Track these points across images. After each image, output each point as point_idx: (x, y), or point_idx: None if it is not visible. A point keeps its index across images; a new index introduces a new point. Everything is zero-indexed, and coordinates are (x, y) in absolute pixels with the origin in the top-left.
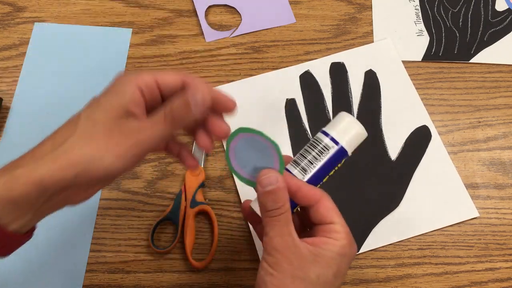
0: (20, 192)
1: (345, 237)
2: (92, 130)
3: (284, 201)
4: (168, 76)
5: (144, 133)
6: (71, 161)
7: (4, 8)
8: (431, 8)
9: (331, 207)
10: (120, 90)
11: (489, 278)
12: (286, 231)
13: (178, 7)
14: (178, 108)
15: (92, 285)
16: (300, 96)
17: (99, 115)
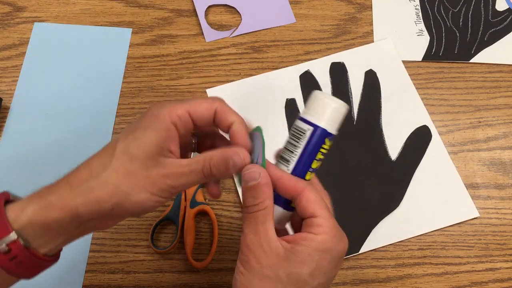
0: (54, 219)
1: (327, 231)
2: (129, 165)
3: (263, 198)
4: (201, 107)
5: (180, 179)
6: (107, 194)
7: (4, 8)
8: (431, 8)
9: (313, 199)
10: (156, 126)
11: (489, 278)
12: (261, 229)
13: (178, 7)
14: (217, 166)
15: (92, 285)
16: (300, 96)
17: (136, 151)
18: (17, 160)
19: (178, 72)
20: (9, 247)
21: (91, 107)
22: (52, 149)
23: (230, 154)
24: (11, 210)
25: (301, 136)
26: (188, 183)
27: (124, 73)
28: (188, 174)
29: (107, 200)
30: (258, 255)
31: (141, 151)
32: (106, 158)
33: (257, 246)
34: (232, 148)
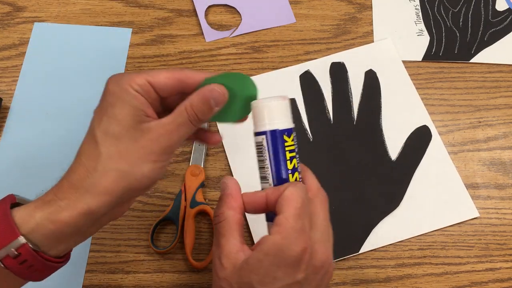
0: (67, 223)
1: (281, 231)
2: (117, 145)
3: (223, 209)
4: (161, 75)
5: (172, 136)
6: (113, 182)
7: (4, 8)
8: (432, 8)
9: (286, 196)
10: (121, 99)
11: (489, 278)
12: (221, 242)
13: (178, 7)
14: (200, 108)
15: (92, 285)
16: (300, 96)
17: (115, 129)
18: (17, 160)
19: None
20: (19, 251)
21: (91, 107)
22: (52, 149)
23: (207, 93)
24: (19, 216)
25: (262, 148)
26: (181, 137)
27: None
28: (177, 128)
29: (115, 187)
30: (217, 267)
31: (121, 127)
32: (92, 149)
33: (216, 258)
34: (206, 86)
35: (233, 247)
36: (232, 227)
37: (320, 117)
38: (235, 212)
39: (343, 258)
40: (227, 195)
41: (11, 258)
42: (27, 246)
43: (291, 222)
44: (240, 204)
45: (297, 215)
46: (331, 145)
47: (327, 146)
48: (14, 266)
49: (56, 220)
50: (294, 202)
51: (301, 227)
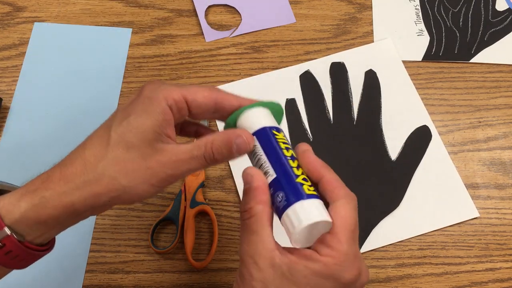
0: (49, 214)
1: (334, 255)
2: (126, 155)
3: (252, 204)
4: (199, 94)
5: (181, 167)
6: (105, 189)
7: (4, 8)
8: (431, 8)
9: (341, 215)
10: (151, 109)
11: (489, 278)
12: (253, 239)
13: (178, 7)
14: (220, 150)
15: (92, 285)
16: (300, 96)
17: (131, 138)
18: (17, 159)
19: (178, 72)
20: (3, 242)
21: (91, 107)
22: (53, 149)
23: (232, 137)
24: (2, 205)
25: (255, 148)
26: (189, 170)
27: (124, 73)
28: (189, 161)
29: (105, 193)
30: (249, 266)
31: (137, 139)
32: (100, 147)
33: (249, 257)
34: (235, 130)
35: (267, 245)
36: (263, 223)
37: (320, 117)
38: (265, 206)
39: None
40: (255, 188)
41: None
42: (12, 237)
43: (345, 247)
44: (268, 197)
45: (351, 238)
46: (331, 145)
47: (327, 146)
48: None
49: (40, 212)
50: (348, 223)
51: (355, 253)
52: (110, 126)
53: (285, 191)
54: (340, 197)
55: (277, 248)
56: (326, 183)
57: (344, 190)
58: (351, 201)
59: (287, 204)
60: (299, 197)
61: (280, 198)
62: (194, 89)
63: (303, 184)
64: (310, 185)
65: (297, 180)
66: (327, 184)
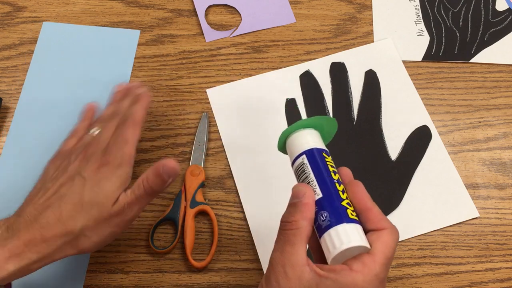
0: (33, 270)
1: (365, 273)
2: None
3: (298, 218)
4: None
5: (134, 207)
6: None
7: (4, 8)
8: (431, 8)
9: (384, 241)
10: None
11: (489, 278)
12: (288, 250)
13: (178, 7)
14: (154, 181)
15: (92, 285)
16: (300, 96)
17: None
18: (21, 160)
19: (178, 72)
20: None
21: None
22: None
23: (159, 167)
24: None
25: (305, 167)
26: (142, 207)
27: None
28: (137, 201)
29: (57, 237)
30: (278, 274)
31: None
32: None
33: (280, 266)
34: (160, 161)
35: (300, 259)
36: (303, 237)
37: None
38: (308, 224)
39: None
40: (304, 204)
41: None
42: None
43: (377, 269)
44: (313, 216)
45: (385, 264)
46: (331, 145)
47: (326, 146)
48: None
49: (26, 273)
50: (388, 250)
51: (384, 277)
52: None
53: (329, 212)
54: (385, 227)
55: (308, 264)
56: (373, 214)
57: (390, 223)
58: (395, 233)
59: (330, 224)
60: (343, 220)
61: (324, 218)
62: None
63: (347, 208)
64: (353, 210)
65: (342, 203)
66: (374, 216)
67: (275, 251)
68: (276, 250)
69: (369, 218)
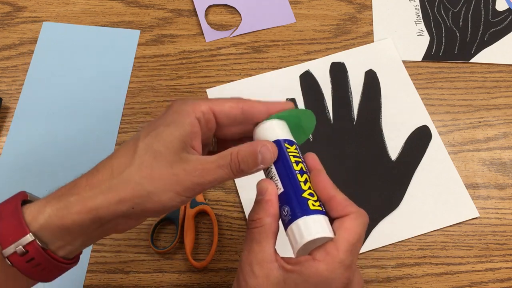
0: (73, 220)
1: (328, 261)
2: (152, 162)
3: (261, 215)
4: (226, 105)
5: (207, 176)
6: (130, 194)
7: (4, 8)
8: (431, 8)
9: (346, 227)
10: (179, 121)
11: (489, 278)
12: (255, 248)
13: (178, 7)
14: (245, 160)
15: (92, 285)
16: (300, 96)
17: (159, 147)
18: (22, 159)
19: (178, 72)
20: (26, 248)
21: (97, 108)
22: (57, 150)
23: (258, 147)
24: (28, 212)
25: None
26: (215, 180)
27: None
28: (215, 170)
29: (129, 199)
30: (246, 274)
31: (164, 147)
32: (127, 156)
33: (247, 265)
34: (261, 141)
35: (267, 256)
36: (268, 235)
37: (320, 117)
38: (273, 220)
39: None
40: (267, 201)
41: (18, 256)
42: (35, 243)
43: (341, 255)
44: (277, 211)
45: (350, 250)
46: (331, 145)
47: (327, 146)
48: (21, 264)
49: (64, 216)
50: (351, 236)
51: (349, 263)
52: (138, 137)
53: (290, 206)
54: (349, 213)
55: (277, 261)
56: (336, 202)
57: (355, 208)
58: (360, 217)
59: (291, 219)
60: (303, 213)
61: (286, 212)
62: (221, 101)
63: (308, 199)
64: (315, 200)
65: (303, 195)
66: (337, 203)
67: (243, 251)
68: (244, 250)
69: (333, 207)
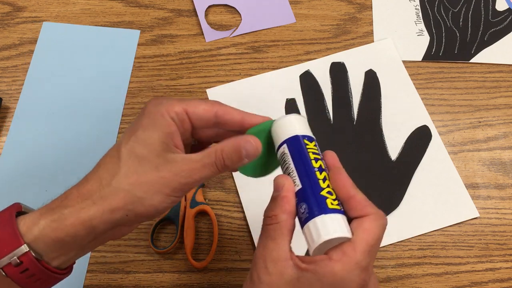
0: (67, 232)
1: (345, 262)
2: (137, 168)
3: (277, 212)
4: (200, 108)
5: (194, 175)
6: (122, 202)
7: (4, 8)
8: (431, 8)
9: (365, 228)
10: (155, 123)
11: (489, 278)
12: (270, 244)
13: (178, 7)
14: (230, 156)
15: (92, 285)
16: (300, 96)
17: (141, 150)
18: (22, 160)
19: (178, 72)
20: (21, 259)
21: (97, 108)
22: (57, 150)
23: (241, 143)
24: (23, 223)
25: (285, 156)
26: (202, 178)
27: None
28: (201, 169)
29: (121, 207)
30: (259, 269)
31: (147, 150)
32: (113, 164)
33: (261, 261)
34: (243, 136)
35: (282, 253)
36: (283, 232)
37: (320, 117)
38: (289, 217)
39: None
40: (283, 198)
41: (12, 266)
42: (30, 254)
43: (358, 256)
44: (294, 208)
45: (368, 251)
46: (331, 145)
47: (327, 146)
48: (15, 275)
49: (58, 228)
50: (370, 237)
51: (366, 265)
52: (120, 143)
53: (308, 203)
54: (368, 214)
55: (291, 259)
56: (356, 202)
57: (374, 209)
58: (379, 219)
59: (308, 216)
60: (321, 211)
61: (303, 210)
62: (195, 102)
63: (327, 197)
64: (334, 199)
65: (321, 193)
66: (357, 203)
67: (258, 247)
68: (259, 246)
69: (352, 206)
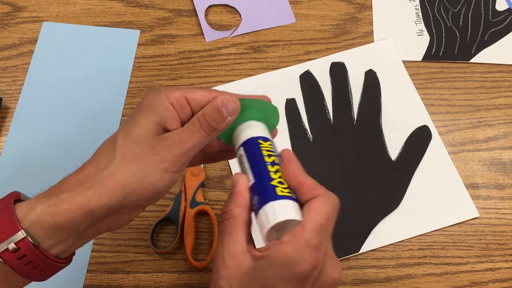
0: (64, 216)
1: (293, 242)
2: (132, 148)
3: (232, 206)
4: (199, 93)
5: (186, 144)
6: (120, 183)
7: (4, 8)
8: (431, 8)
9: (313, 208)
10: (153, 107)
11: (489, 278)
12: (226, 240)
13: (178, 7)
14: (213, 118)
15: (92, 285)
16: (300, 96)
17: (135, 131)
18: (22, 159)
19: (178, 72)
20: (18, 245)
21: (97, 108)
22: (57, 150)
23: (218, 102)
24: (20, 209)
25: (242, 158)
26: (195, 145)
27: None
28: (191, 136)
29: (119, 189)
30: (218, 265)
31: (141, 130)
32: (109, 149)
33: (219, 256)
34: (220, 96)
35: (238, 247)
36: (238, 225)
37: (320, 117)
38: (243, 211)
39: (343, 258)
40: (236, 193)
41: (10, 253)
42: (27, 240)
43: (307, 235)
44: (248, 201)
45: (318, 230)
46: (331, 145)
47: (327, 146)
48: (13, 261)
49: (55, 213)
50: (319, 216)
51: (317, 244)
52: (117, 132)
53: (259, 194)
54: (318, 195)
55: (248, 251)
56: (306, 186)
57: (323, 191)
58: (329, 199)
59: (259, 206)
60: (270, 199)
61: (255, 202)
62: (194, 89)
63: (277, 186)
64: (285, 187)
65: (272, 183)
66: (307, 187)
67: (217, 244)
68: (218, 243)
69: (303, 191)
